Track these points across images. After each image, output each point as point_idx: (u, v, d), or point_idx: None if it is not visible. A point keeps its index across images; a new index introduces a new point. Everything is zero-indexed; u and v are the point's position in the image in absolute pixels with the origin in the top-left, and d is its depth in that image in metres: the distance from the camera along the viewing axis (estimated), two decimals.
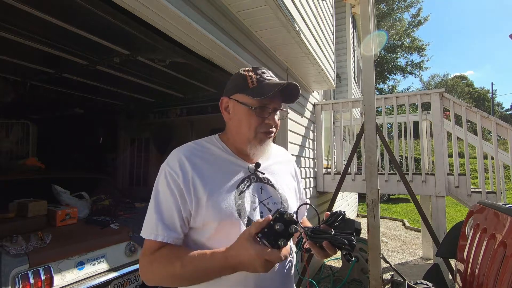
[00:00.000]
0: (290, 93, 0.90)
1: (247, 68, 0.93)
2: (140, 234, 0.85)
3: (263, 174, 0.94)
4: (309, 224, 1.11)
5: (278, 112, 0.92)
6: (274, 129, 0.91)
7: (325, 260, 4.66)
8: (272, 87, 0.84)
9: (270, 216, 0.71)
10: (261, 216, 0.87)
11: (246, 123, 0.88)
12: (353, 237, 0.73)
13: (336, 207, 5.85)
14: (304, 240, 0.82)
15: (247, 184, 0.89)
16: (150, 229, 0.82)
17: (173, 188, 0.83)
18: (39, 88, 4.12)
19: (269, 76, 0.91)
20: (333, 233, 0.75)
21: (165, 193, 0.84)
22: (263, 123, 0.88)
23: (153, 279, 0.81)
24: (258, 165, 0.92)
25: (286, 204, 0.94)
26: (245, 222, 0.84)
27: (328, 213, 0.83)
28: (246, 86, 0.88)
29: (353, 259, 0.72)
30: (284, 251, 0.70)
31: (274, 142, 1.08)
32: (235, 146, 0.93)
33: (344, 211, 0.82)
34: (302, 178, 3.95)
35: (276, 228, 0.69)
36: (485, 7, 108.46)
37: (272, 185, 0.94)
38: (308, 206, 1.06)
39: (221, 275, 0.76)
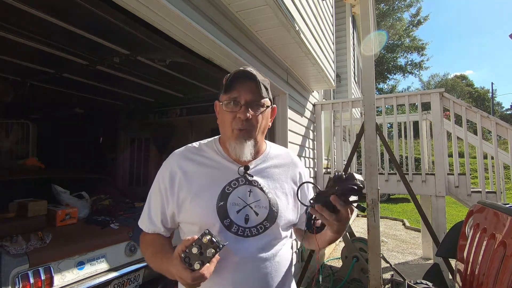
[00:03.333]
0: (247, 81, 0.88)
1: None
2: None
3: (252, 177, 0.92)
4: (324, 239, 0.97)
5: (261, 109, 0.89)
6: (247, 125, 0.87)
7: (325, 260, 4.67)
8: (229, 78, 0.88)
9: (196, 236, 0.73)
10: (246, 219, 0.88)
11: (222, 121, 0.92)
12: (358, 183, 0.70)
13: None
14: (313, 216, 0.78)
15: (234, 186, 0.90)
16: (141, 219, 0.99)
17: (161, 188, 0.93)
18: (39, 88, 4.11)
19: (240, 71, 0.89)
20: (336, 188, 0.72)
21: (155, 192, 0.95)
22: (235, 118, 0.87)
23: (142, 253, 1.00)
24: (247, 167, 0.92)
25: (276, 209, 0.90)
26: (227, 224, 0.86)
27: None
28: (222, 85, 0.92)
29: (367, 209, 0.72)
30: (198, 273, 0.70)
31: (273, 141, 1.08)
32: (227, 147, 0.94)
33: (341, 172, 0.77)
34: None
35: (193, 251, 0.71)
36: (485, 6, 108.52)
37: (261, 188, 0.92)
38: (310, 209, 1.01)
39: (170, 277, 0.82)
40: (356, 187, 0.70)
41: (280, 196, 0.94)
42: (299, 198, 0.90)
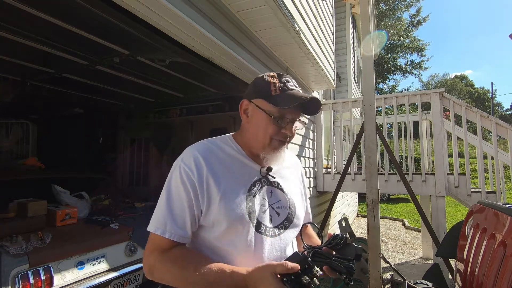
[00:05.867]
0: (310, 106, 0.90)
1: (271, 74, 0.92)
2: (147, 229, 0.84)
3: (274, 178, 0.95)
4: (314, 235, 1.11)
5: (296, 123, 0.91)
6: (289, 138, 0.92)
7: None
8: (294, 99, 0.85)
9: (298, 266, 0.72)
10: (270, 219, 0.89)
11: (263, 130, 0.88)
12: (352, 265, 0.77)
13: (336, 207, 5.85)
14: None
15: (259, 187, 0.91)
16: (158, 224, 0.82)
17: (187, 185, 0.82)
18: (39, 88, 4.11)
19: (293, 85, 0.90)
20: (333, 258, 0.78)
21: (179, 190, 0.83)
22: (279, 132, 0.88)
23: (161, 279, 0.81)
24: (270, 169, 0.94)
25: (294, 209, 0.95)
26: (254, 224, 0.86)
27: (331, 233, 0.85)
28: (269, 93, 0.87)
29: (351, 283, 0.79)
30: None
31: None
32: (249, 148, 0.93)
33: (345, 235, 0.83)
34: None
35: (304, 281, 0.70)
36: (485, 6, 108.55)
37: (282, 189, 0.95)
38: (311, 215, 1.13)
39: None
40: (346, 271, 0.77)
41: (295, 196, 0.99)
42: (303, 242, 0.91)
